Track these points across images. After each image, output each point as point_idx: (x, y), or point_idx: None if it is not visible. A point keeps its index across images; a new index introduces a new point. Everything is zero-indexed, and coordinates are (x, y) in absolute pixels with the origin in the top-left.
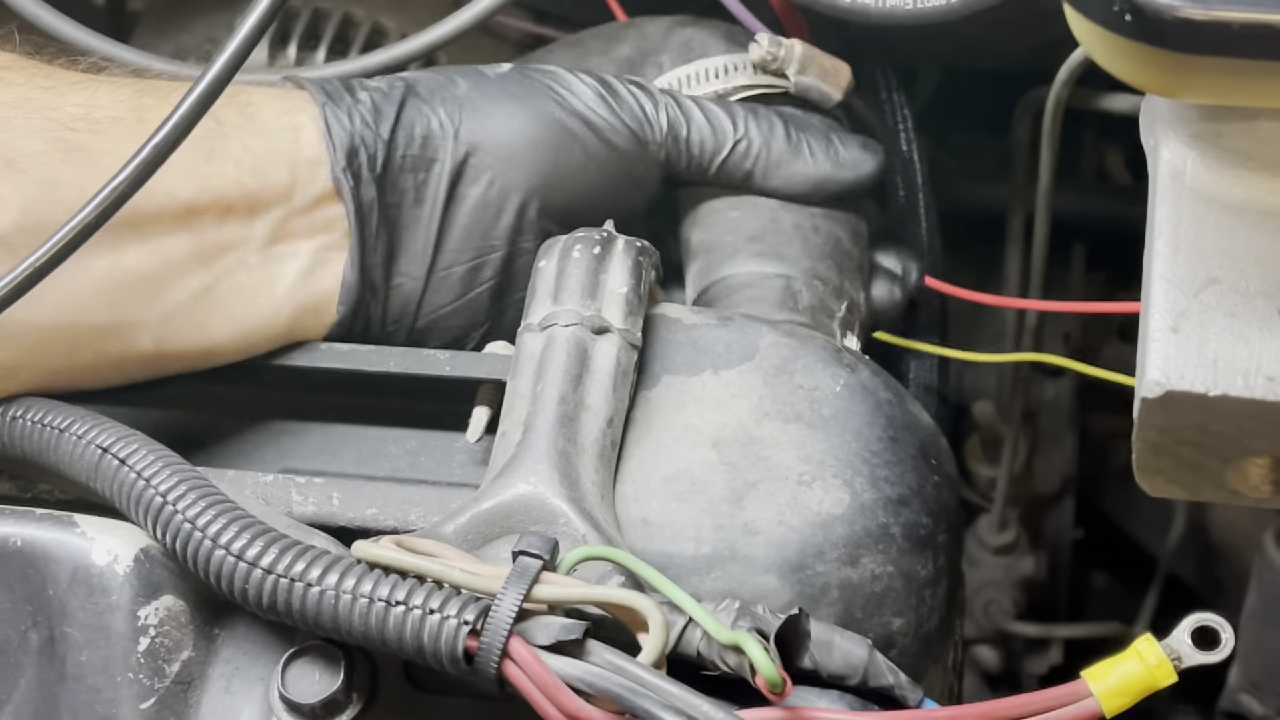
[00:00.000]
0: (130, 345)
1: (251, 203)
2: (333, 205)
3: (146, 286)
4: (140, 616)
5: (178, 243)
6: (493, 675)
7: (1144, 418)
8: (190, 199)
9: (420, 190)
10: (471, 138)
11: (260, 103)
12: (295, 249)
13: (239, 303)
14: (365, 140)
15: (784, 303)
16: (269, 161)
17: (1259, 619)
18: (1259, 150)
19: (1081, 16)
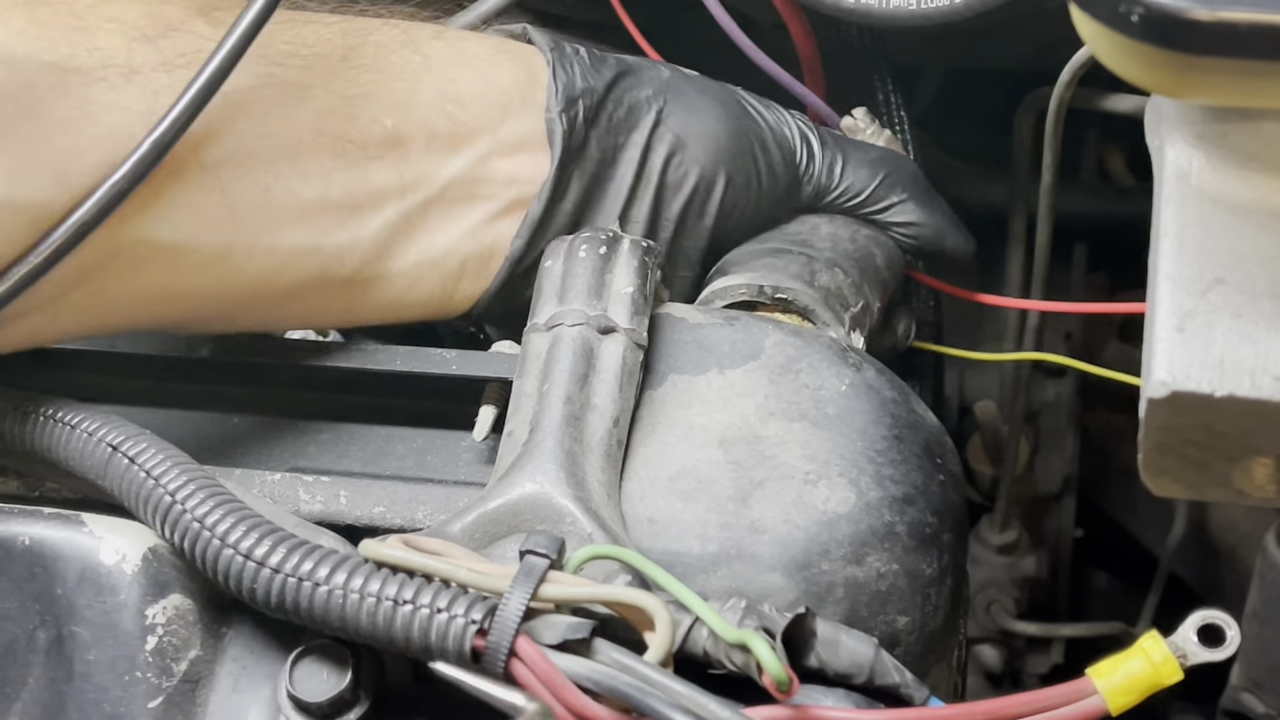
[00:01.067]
0: (320, 269)
1: (456, 133)
2: (539, 150)
3: (347, 214)
4: (148, 615)
5: (383, 172)
6: (500, 674)
7: (1150, 418)
8: (395, 127)
9: (618, 153)
10: (671, 118)
11: (474, 40)
12: (491, 192)
13: (426, 235)
14: (583, 91)
15: (801, 275)
16: (477, 95)
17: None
18: (1265, 150)
19: (1088, 17)
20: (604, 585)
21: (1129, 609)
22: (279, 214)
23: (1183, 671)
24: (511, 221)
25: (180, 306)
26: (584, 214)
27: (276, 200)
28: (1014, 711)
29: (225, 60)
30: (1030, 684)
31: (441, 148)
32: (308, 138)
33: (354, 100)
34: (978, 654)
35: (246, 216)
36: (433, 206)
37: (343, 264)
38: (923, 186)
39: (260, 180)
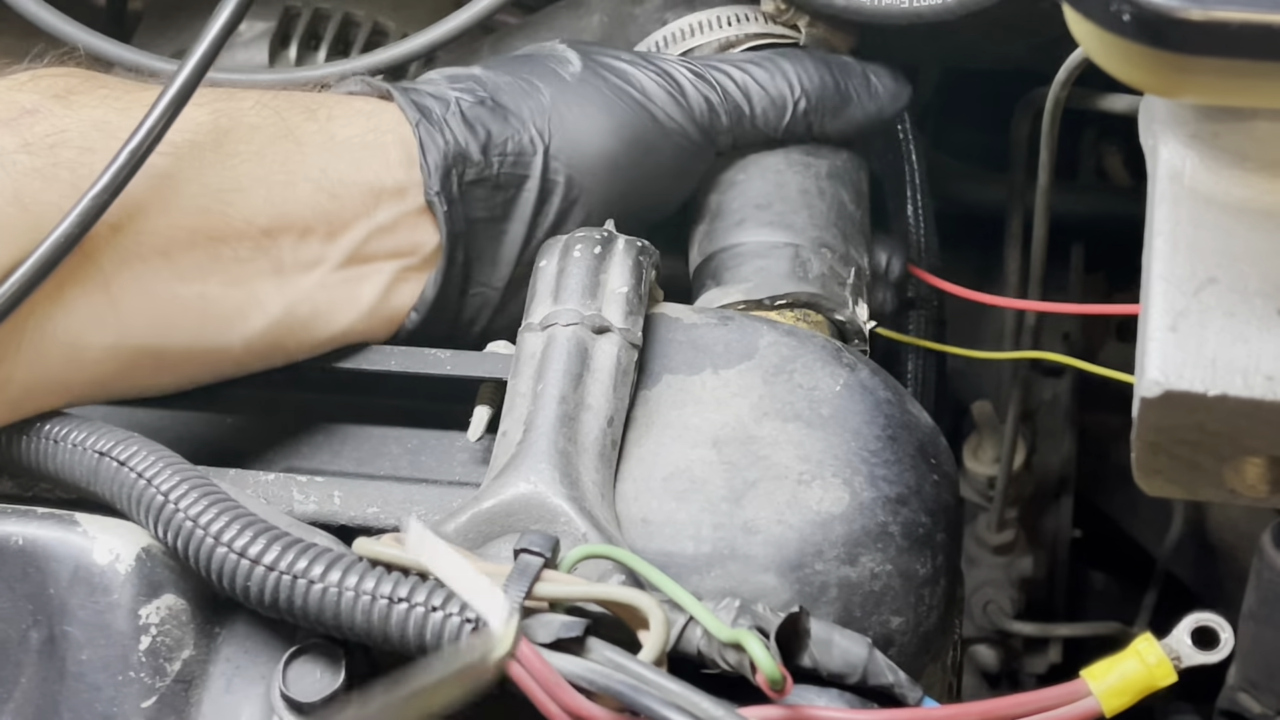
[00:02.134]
0: (211, 365)
1: (331, 224)
2: (419, 225)
3: (230, 313)
4: (141, 615)
5: (258, 268)
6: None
7: (1143, 417)
8: (268, 224)
9: (509, 206)
10: (559, 154)
11: (343, 119)
12: (376, 269)
13: (317, 321)
14: (458, 158)
15: (794, 272)
16: (351, 183)
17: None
18: (1256, 150)
19: (1080, 16)
20: (598, 584)
21: (1126, 609)
22: (162, 315)
23: (1176, 673)
24: (406, 291)
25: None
26: (475, 274)
27: (158, 300)
28: (1008, 712)
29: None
30: (1027, 684)
31: (318, 240)
32: (183, 236)
33: (227, 196)
34: (975, 654)
35: (131, 316)
36: (316, 295)
37: (236, 361)
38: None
39: (140, 278)
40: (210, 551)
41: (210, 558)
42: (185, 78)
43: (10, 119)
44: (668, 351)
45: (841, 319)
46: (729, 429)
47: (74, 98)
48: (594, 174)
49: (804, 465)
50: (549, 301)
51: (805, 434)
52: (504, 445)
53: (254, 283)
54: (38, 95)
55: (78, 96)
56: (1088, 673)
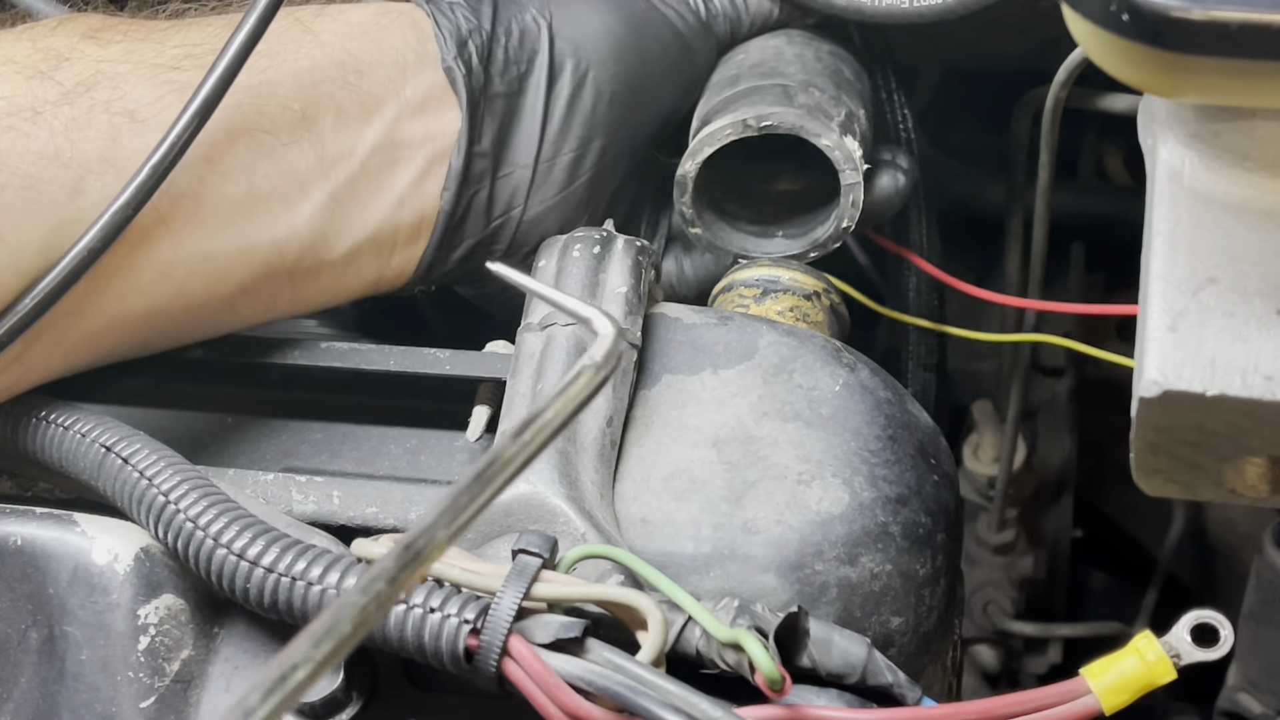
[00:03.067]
0: (262, 265)
1: (364, 102)
2: (445, 101)
3: (277, 205)
4: (140, 615)
5: (302, 153)
6: (492, 673)
7: (1142, 417)
8: (303, 108)
9: (523, 81)
10: (563, 31)
11: (351, 9)
12: (409, 154)
13: (357, 211)
14: (470, 32)
15: (779, 100)
16: (374, 61)
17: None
18: (1256, 150)
19: (1079, 16)
20: (597, 584)
21: (1126, 609)
22: (211, 218)
23: (1176, 671)
24: (435, 178)
25: (135, 329)
26: (502, 150)
27: (206, 204)
28: (1007, 711)
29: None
30: (1027, 684)
31: (353, 121)
32: (221, 137)
33: (257, 90)
34: (975, 654)
35: (181, 227)
36: (357, 182)
37: (283, 256)
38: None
39: (186, 187)
40: (210, 553)
41: (210, 559)
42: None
43: (48, 68)
44: (667, 351)
45: (828, 144)
46: (729, 429)
47: (101, 35)
48: (598, 50)
49: (804, 465)
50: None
51: (805, 434)
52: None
53: (298, 169)
54: (68, 37)
55: (104, 33)
56: (1087, 671)
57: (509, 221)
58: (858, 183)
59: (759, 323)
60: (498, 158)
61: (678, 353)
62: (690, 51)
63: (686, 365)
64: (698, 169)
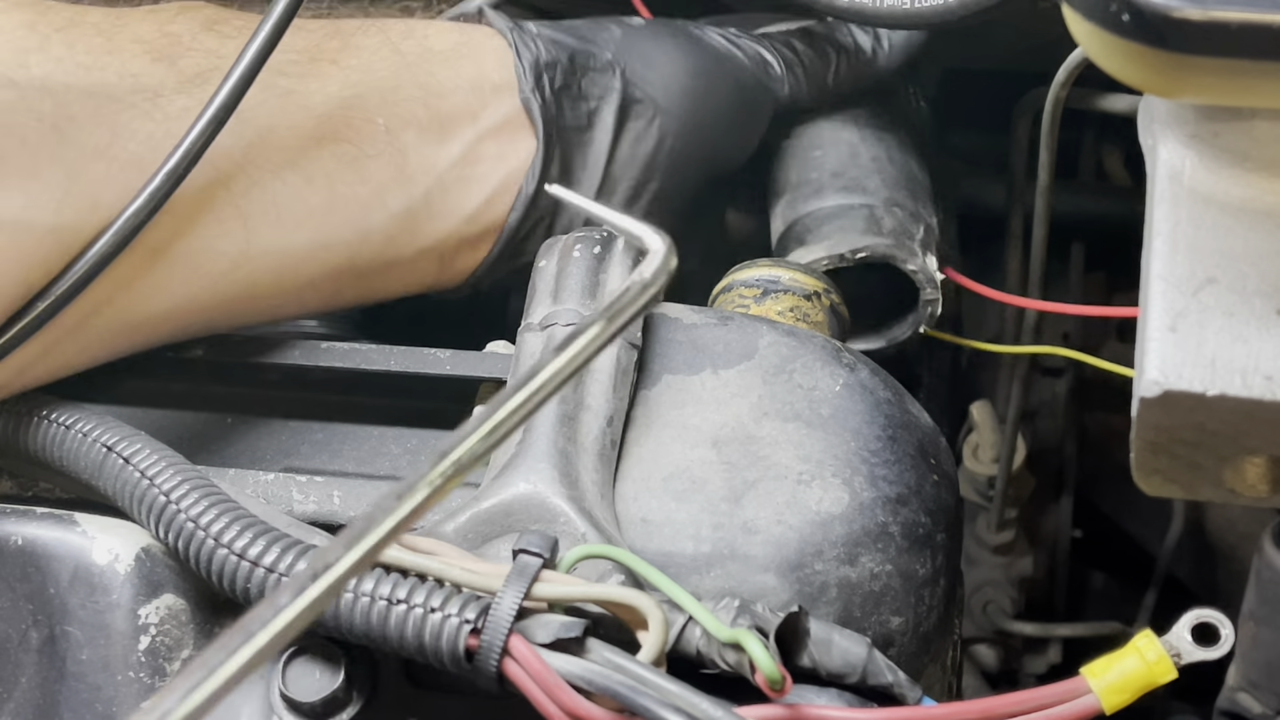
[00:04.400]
0: (333, 265)
1: (442, 124)
2: (520, 129)
3: (354, 212)
4: (141, 615)
5: (384, 165)
6: (493, 673)
7: (1142, 417)
8: (387, 123)
9: (593, 116)
10: (634, 74)
11: (437, 35)
12: (484, 173)
13: (430, 222)
14: (548, 64)
15: (869, 229)
16: (454, 86)
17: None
18: (1256, 150)
19: (1079, 16)
20: (597, 584)
21: (1126, 609)
22: (289, 219)
23: (1177, 670)
24: (504, 198)
25: (199, 315)
26: (566, 179)
27: (286, 206)
28: (1007, 711)
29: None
30: (1027, 684)
31: (433, 139)
32: (310, 144)
33: (347, 102)
34: (975, 654)
35: (259, 224)
36: (432, 196)
37: (353, 260)
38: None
39: (269, 188)
40: (211, 553)
41: (211, 559)
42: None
43: (173, 54)
44: (667, 351)
45: (914, 269)
46: (729, 429)
47: (220, 27)
48: (669, 95)
49: (804, 465)
50: (548, 301)
51: (805, 434)
52: (504, 445)
53: (379, 179)
54: (190, 25)
55: (222, 26)
56: (1087, 670)
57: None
58: (936, 299)
59: (759, 323)
60: (564, 184)
61: (678, 353)
62: (751, 107)
63: (687, 365)
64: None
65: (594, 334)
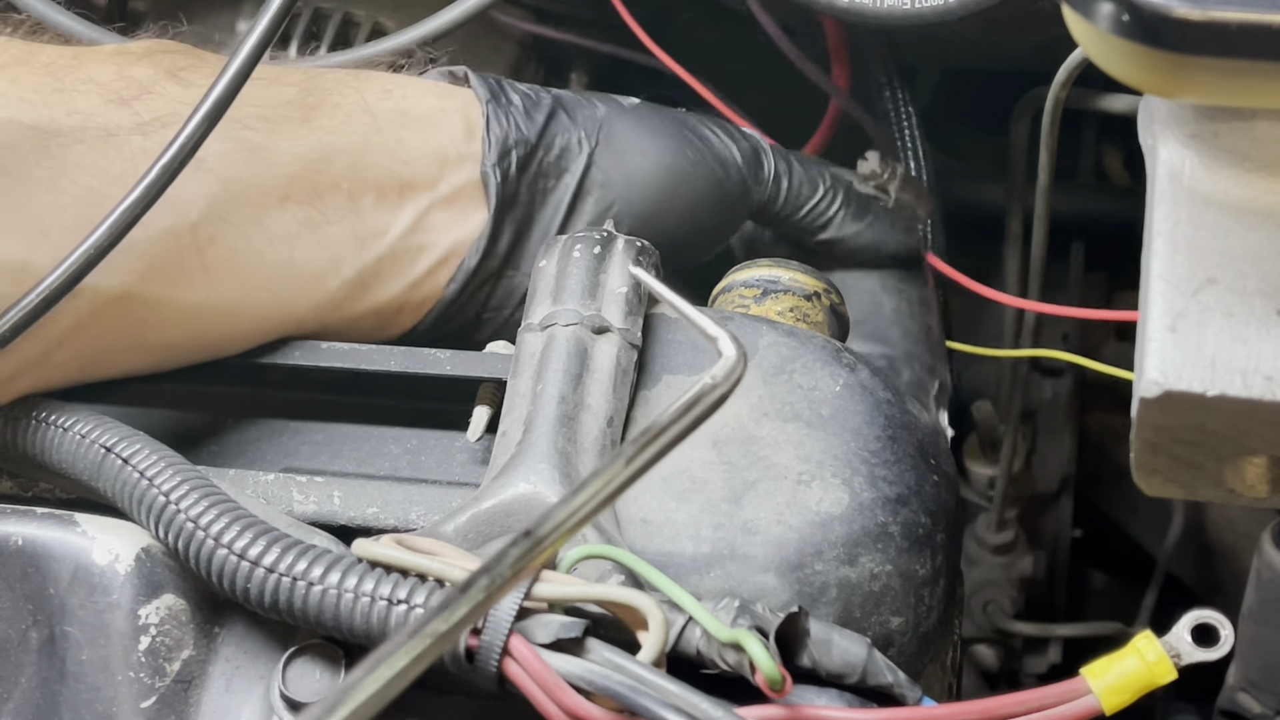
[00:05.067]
0: (279, 325)
1: (401, 190)
2: (474, 201)
3: (312, 275)
4: (141, 615)
5: (342, 231)
6: (493, 673)
7: (1142, 417)
8: (351, 188)
9: (548, 195)
10: (601, 161)
11: (415, 97)
12: (434, 241)
13: (377, 287)
14: (516, 142)
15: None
16: (420, 153)
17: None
18: (1256, 150)
19: (1079, 17)
20: (597, 585)
21: (1126, 609)
22: (248, 277)
23: (1176, 671)
24: (447, 269)
25: (151, 357)
26: (512, 256)
27: (246, 263)
28: (1007, 711)
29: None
30: (1027, 684)
31: (390, 203)
32: (274, 203)
33: (315, 164)
34: (975, 654)
35: (220, 277)
36: (383, 262)
37: (301, 323)
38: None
39: (233, 243)
40: (210, 553)
41: (210, 559)
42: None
43: (131, 97)
44: (667, 352)
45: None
46: (728, 429)
47: (184, 74)
48: (632, 187)
49: (804, 465)
50: (549, 301)
51: (805, 434)
52: (503, 445)
53: (336, 247)
54: (154, 71)
55: (187, 74)
56: (1087, 670)
57: (496, 319)
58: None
59: (759, 323)
60: (506, 260)
61: (678, 353)
62: (728, 209)
63: (686, 365)
64: None
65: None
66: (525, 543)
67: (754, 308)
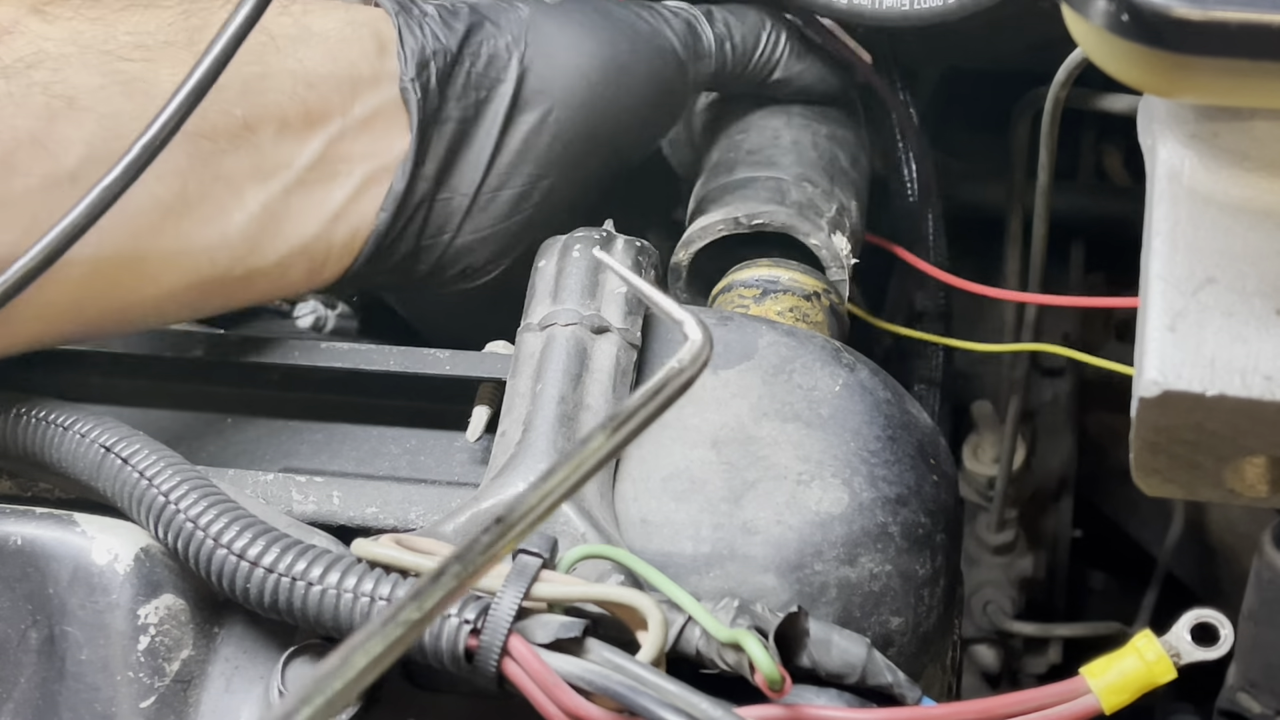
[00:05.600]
0: (193, 271)
1: (308, 115)
2: (395, 122)
3: (210, 211)
4: (140, 615)
5: (239, 163)
6: (493, 673)
7: (1141, 417)
8: (246, 116)
9: (481, 107)
10: (534, 64)
11: (319, 13)
12: (349, 169)
13: (290, 222)
14: (435, 53)
15: (771, 198)
16: (328, 74)
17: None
18: (1255, 150)
19: (1079, 17)
20: (597, 585)
21: (1126, 609)
22: (140, 218)
23: (1176, 670)
24: (373, 196)
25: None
26: (446, 174)
27: (136, 204)
28: (1007, 711)
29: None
30: (1027, 684)
31: (294, 133)
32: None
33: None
34: (975, 654)
35: (108, 225)
36: (292, 194)
37: (214, 264)
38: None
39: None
40: (210, 553)
41: (210, 559)
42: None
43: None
44: (668, 351)
45: (816, 243)
46: (728, 429)
47: (50, 9)
48: (568, 90)
49: (803, 465)
50: (548, 301)
51: (804, 434)
52: (503, 445)
53: (235, 178)
54: (14, 9)
55: (53, 8)
56: (1087, 670)
57: (437, 245)
58: (844, 280)
59: (759, 323)
60: (440, 181)
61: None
62: (667, 95)
63: None
64: (691, 258)
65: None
66: (497, 529)
67: (753, 308)
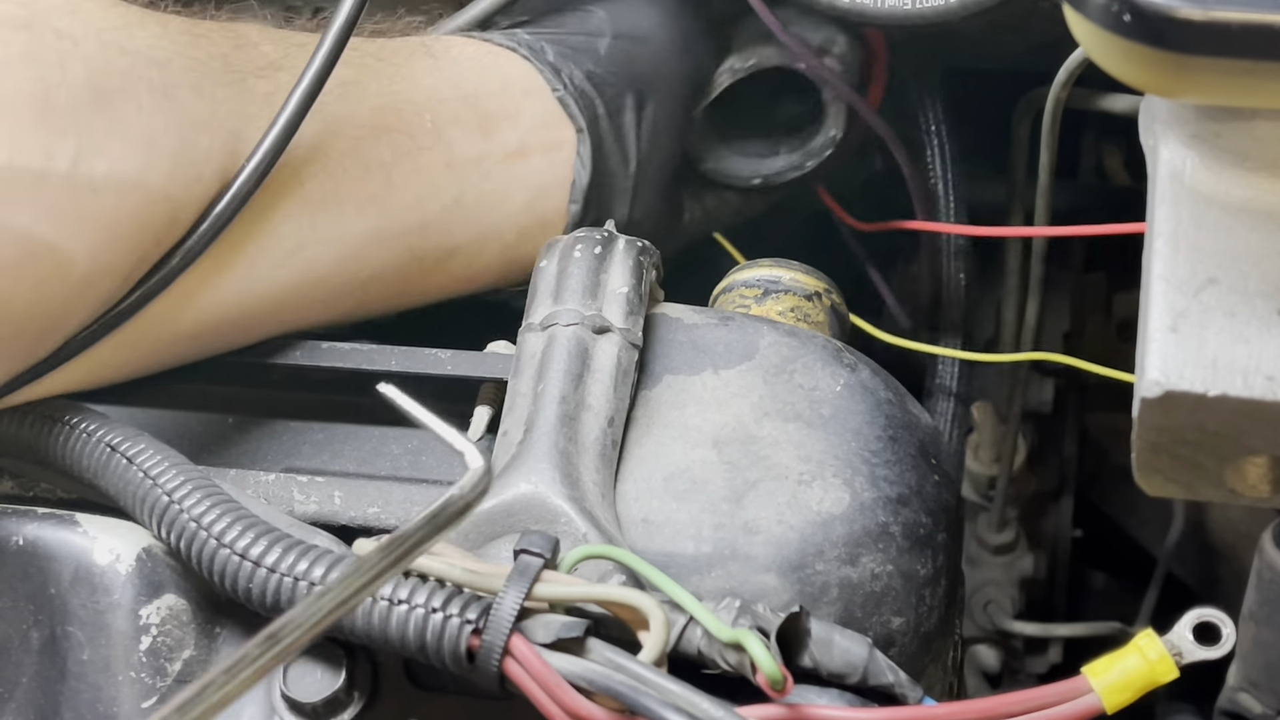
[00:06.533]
0: (393, 254)
1: (483, 122)
2: (560, 124)
3: (409, 201)
4: (142, 615)
5: (434, 158)
6: (494, 673)
7: (1143, 417)
8: (434, 119)
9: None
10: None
11: (456, 46)
12: (531, 165)
13: (481, 212)
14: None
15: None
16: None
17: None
18: (1257, 150)
19: (1080, 17)
20: (598, 585)
21: (1127, 609)
22: (349, 206)
23: (1178, 669)
24: (559, 190)
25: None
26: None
27: (345, 192)
28: (1008, 710)
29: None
30: (1028, 684)
31: (477, 135)
32: (367, 134)
33: (398, 97)
34: (975, 654)
35: (320, 210)
36: (483, 187)
37: (412, 249)
38: None
39: (330, 174)
40: (213, 553)
41: (213, 559)
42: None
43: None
44: (668, 351)
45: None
46: (729, 429)
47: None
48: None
49: (804, 465)
50: (549, 301)
51: (806, 434)
52: (504, 445)
53: (431, 171)
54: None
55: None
56: (1089, 669)
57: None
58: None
59: (760, 323)
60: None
61: (678, 353)
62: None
63: (687, 365)
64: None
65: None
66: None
67: (755, 308)
